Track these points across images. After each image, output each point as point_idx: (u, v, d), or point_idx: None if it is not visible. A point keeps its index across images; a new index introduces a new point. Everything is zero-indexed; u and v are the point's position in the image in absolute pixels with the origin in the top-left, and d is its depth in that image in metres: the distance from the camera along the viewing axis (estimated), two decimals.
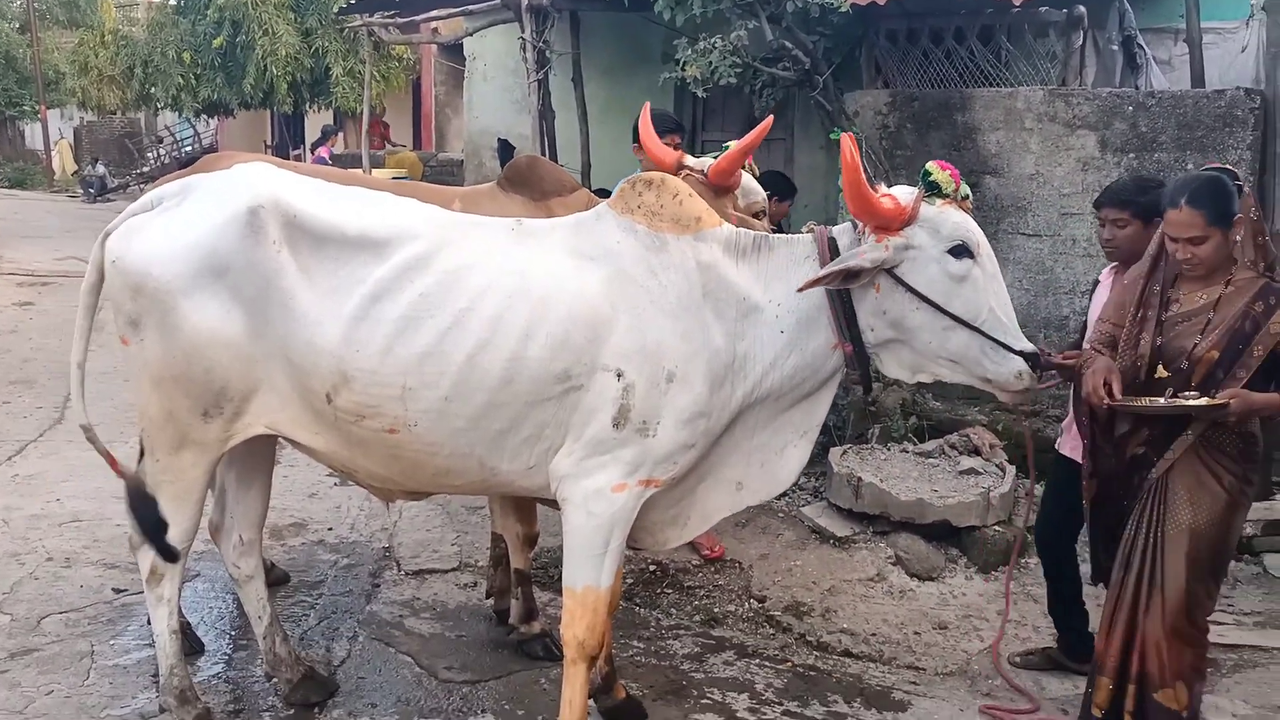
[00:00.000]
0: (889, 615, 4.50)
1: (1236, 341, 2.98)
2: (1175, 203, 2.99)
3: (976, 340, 2.88)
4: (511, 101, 9.64)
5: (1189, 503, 3.06)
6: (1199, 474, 3.05)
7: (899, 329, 2.94)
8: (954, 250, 2.87)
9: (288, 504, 5.35)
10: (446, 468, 3.04)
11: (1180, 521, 3.06)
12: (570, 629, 3.02)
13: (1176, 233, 3.01)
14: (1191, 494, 3.05)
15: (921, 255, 2.88)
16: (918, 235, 2.88)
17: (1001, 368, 2.90)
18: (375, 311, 2.90)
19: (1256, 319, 2.97)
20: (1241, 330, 2.98)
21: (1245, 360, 2.96)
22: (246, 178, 3.05)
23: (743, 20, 6.01)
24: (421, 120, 19.45)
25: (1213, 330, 3.02)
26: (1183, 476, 3.07)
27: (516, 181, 4.17)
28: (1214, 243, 2.99)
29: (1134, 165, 5.51)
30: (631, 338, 2.89)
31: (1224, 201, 2.97)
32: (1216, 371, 2.99)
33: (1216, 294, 3.05)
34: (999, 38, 6.17)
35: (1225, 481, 3.04)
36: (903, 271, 2.88)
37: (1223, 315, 3.02)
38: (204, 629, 4.05)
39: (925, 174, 2.95)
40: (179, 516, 3.20)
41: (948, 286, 2.87)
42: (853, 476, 5.10)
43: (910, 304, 2.89)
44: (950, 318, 2.87)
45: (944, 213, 2.90)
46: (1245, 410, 2.91)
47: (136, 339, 3.02)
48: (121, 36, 18.65)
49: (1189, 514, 3.06)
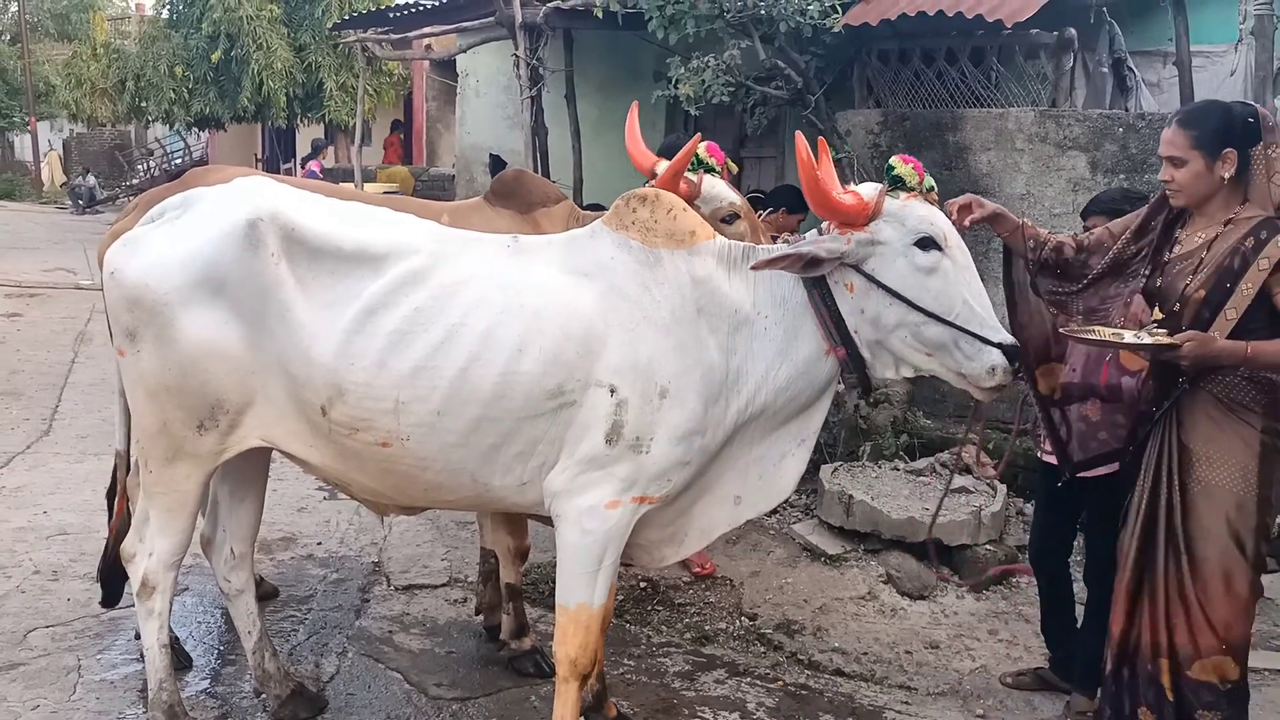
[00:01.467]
0: (880, 634, 4.49)
1: (1224, 280, 2.85)
2: (1169, 121, 2.96)
3: (950, 333, 2.85)
4: (504, 117, 9.68)
5: (1207, 460, 2.92)
6: (1218, 429, 2.91)
7: (877, 327, 2.92)
8: (920, 243, 2.85)
9: (277, 518, 5.32)
10: (438, 482, 3.03)
11: (1203, 479, 2.92)
12: (563, 646, 3.01)
13: (1162, 150, 2.94)
14: (1210, 452, 2.91)
15: (888, 249, 2.87)
16: (883, 230, 2.87)
17: (975, 363, 2.86)
18: (370, 325, 2.91)
19: (1245, 255, 2.83)
20: (1229, 267, 2.85)
21: (1234, 299, 2.82)
22: (246, 191, 3.06)
23: (736, 40, 6.05)
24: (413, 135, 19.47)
25: (1203, 269, 2.90)
26: (1198, 432, 2.93)
27: (504, 195, 4.17)
28: (1193, 169, 2.88)
29: (1124, 186, 5.55)
30: (625, 353, 2.89)
31: (1216, 128, 2.87)
32: (1203, 312, 2.87)
33: (1214, 233, 2.92)
34: (990, 59, 6.23)
35: (1249, 436, 2.88)
36: (872, 267, 2.88)
37: (1214, 253, 2.89)
38: (192, 644, 4.02)
39: (889, 169, 2.95)
40: (171, 529, 3.19)
41: (917, 279, 2.85)
42: (844, 494, 5.11)
43: (884, 300, 2.88)
44: (923, 312, 2.85)
45: (908, 205, 2.89)
46: (1200, 353, 2.77)
47: (133, 350, 3.01)
48: (114, 50, 18.72)
49: (1209, 471, 2.91)
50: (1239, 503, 2.90)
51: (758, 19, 5.95)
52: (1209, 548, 2.93)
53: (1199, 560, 2.94)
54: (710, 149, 3.95)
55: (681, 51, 6.26)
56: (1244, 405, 2.90)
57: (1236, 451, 2.90)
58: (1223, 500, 2.91)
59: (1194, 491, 2.94)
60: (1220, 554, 2.92)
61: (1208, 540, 2.93)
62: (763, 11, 5.89)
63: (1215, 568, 2.93)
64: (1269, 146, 2.89)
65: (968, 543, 4.92)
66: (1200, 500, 2.93)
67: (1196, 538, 2.94)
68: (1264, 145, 2.89)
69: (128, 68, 18.00)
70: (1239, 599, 2.94)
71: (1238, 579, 2.93)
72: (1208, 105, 3.03)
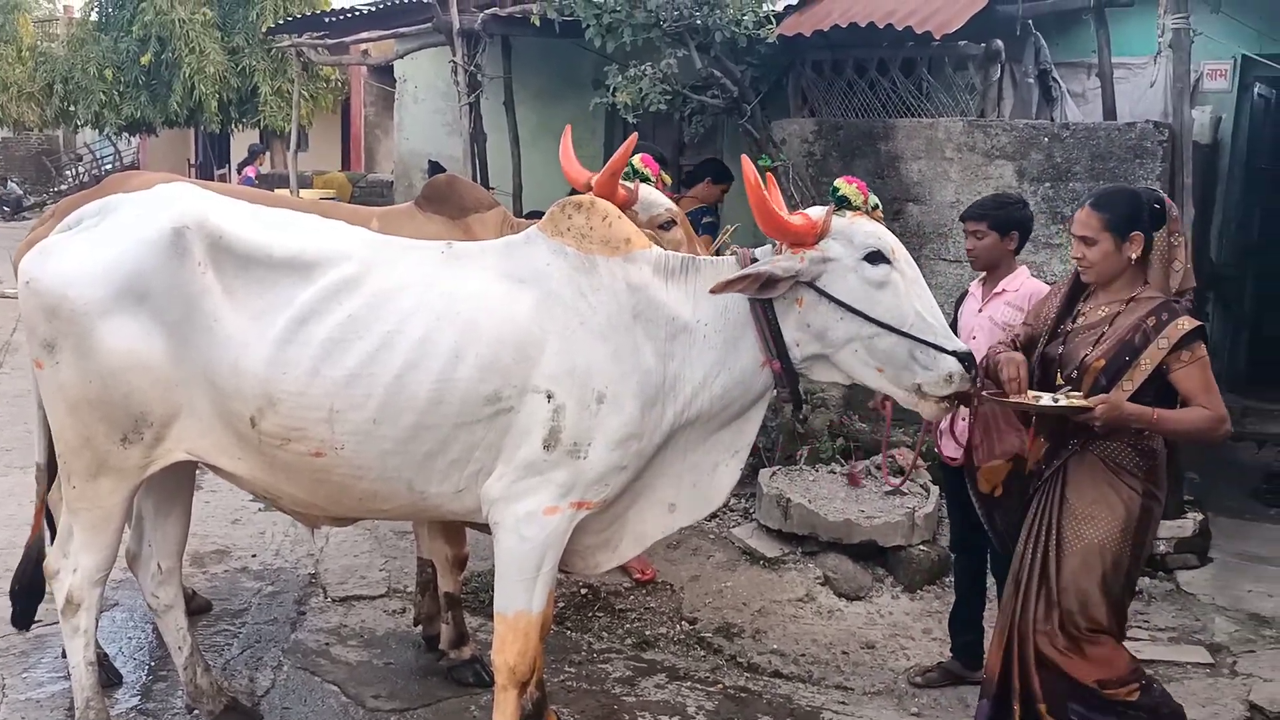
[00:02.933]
0: (818, 635, 4.55)
1: (1124, 353, 3.05)
2: (1083, 202, 3.16)
3: (904, 344, 2.91)
4: (442, 124, 9.62)
5: (1089, 519, 3.11)
6: (1099, 489, 3.10)
7: (824, 341, 2.97)
8: (869, 257, 2.93)
9: (210, 530, 5.23)
10: (374, 491, 3.01)
11: (1083, 535, 3.11)
12: (501, 654, 3.01)
13: (1075, 230, 3.15)
14: (1091, 509, 3.10)
15: (839, 266, 2.93)
16: (833, 247, 2.94)
17: (932, 371, 2.92)
18: (302, 334, 2.88)
19: (1147, 333, 3.03)
20: (1130, 342, 3.05)
21: (1131, 373, 3.02)
22: (170, 198, 3.02)
23: (672, 49, 6.08)
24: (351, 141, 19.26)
25: (1105, 341, 3.10)
26: (1081, 491, 3.12)
27: (435, 200, 4.15)
28: (1103, 248, 3.09)
29: (1050, 194, 5.69)
30: (561, 359, 2.90)
31: (1125, 212, 3.09)
32: (1100, 379, 3.06)
33: (1117, 309, 3.13)
34: (920, 70, 6.34)
35: (1127, 497, 3.09)
36: (824, 283, 2.93)
37: (1116, 328, 3.10)
38: (122, 660, 3.95)
39: (834, 189, 3.04)
40: (96, 545, 3.13)
41: (869, 293, 2.92)
42: (782, 497, 5.16)
43: (834, 315, 2.94)
44: (876, 324, 2.91)
45: (855, 223, 2.97)
46: (1113, 416, 2.93)
47: (52, 362, 2.95)
48: (40, 53, 18.23)
49: (1089, 529, 3.11)
50: (1115, 560, 3.10)
51: (694, 29, 5.99)
52: (1075, 601, 3.12)
53: (1067, 611, 3.13)
54: (644, 160, 3.99)
55: (619, 60, 6.28)
56: (1126, 469, 3.11)
57: (1117, 512, 3.09)
58: (1100, 558, 3.10)
59: (1075, 548, 3.13)
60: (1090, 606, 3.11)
61: (1081, 595, 3.12)
62: (698, 22, 5.93)
63: (1083, 617, 3.12)
64: (1171, 234, 3.13)
65: (902, 544, 5.00)
66: (1082, 556, 3.12)
67: (1068, 591, 3.13)
68: (1167, 231, 3.13)
69: (55, 71, 17.55)
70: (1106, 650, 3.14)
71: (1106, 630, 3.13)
72: (1119, 190, 3.25)
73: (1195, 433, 3.05)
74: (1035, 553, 3.19)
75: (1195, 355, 3.00)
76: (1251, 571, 5.22)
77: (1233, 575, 5.16)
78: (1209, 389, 3.01)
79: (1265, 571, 5.24)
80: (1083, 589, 3.11)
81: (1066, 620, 3.13)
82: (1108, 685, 3.10)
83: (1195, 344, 3.00)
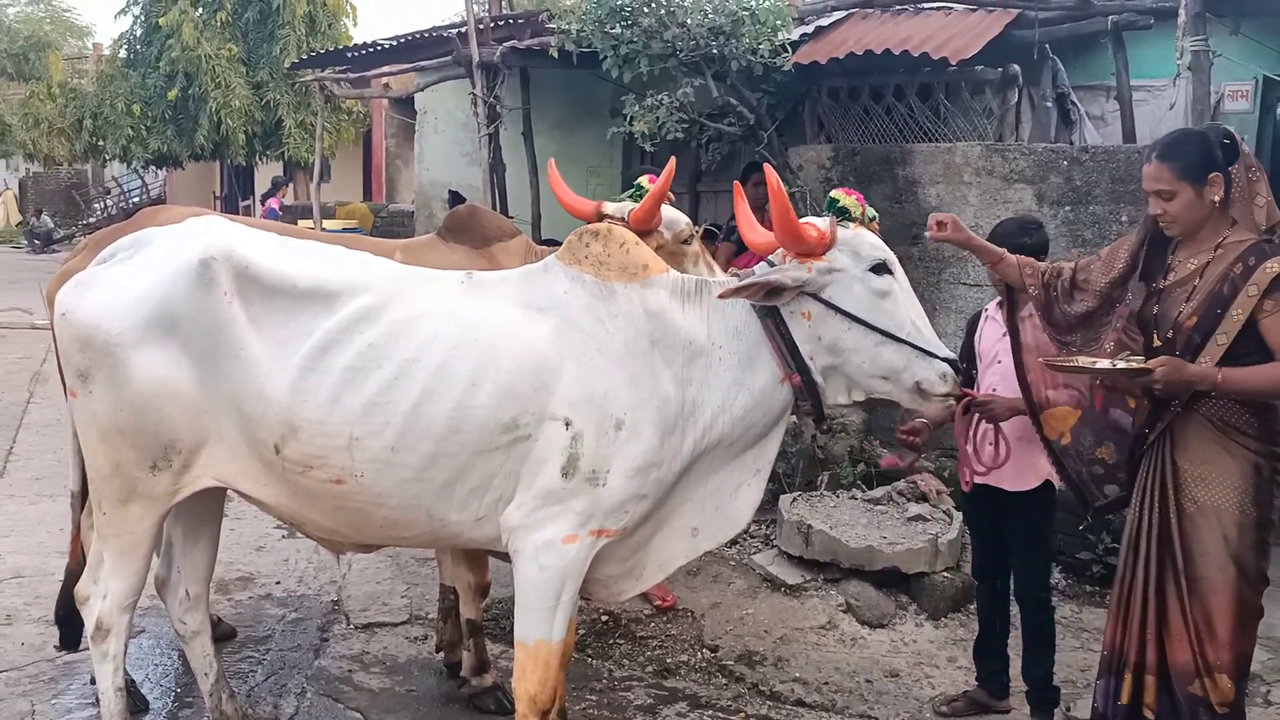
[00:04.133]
0: (841, 663, 4.52)
1: (1215, 306, 2.87)
2: (1148, 157, 2.98)
3: (904, 351, 2.96)
4: (462, 154, 9.73)
5: (1203, 481, 2.94)
6: (1208, 451, 2.93)
7: (834, 352, 2.99)
8: (875, 268, 2.96)
9: (234, 557, 5.27)
10: (394, 519, 3.03)
11: (1198, 499, 2.94)
12: (522, 683, 3.01)
13: (1146, 185, 2.97)
14: (1204, 473, 2.94)
15: (845, 277, 2.96)
16: (839, 258, 2.97)
17: (928, 371, 2.96)
18: (324, 362, 2.92)
19: (1235, 281, 2.85)
20: (1219, 294, 2.87)
21: (1224, 325, 2.84)
22: (199, 230, 3.08)
23: (689, 78, 6.16)
24: (372, 172, 19.50)
25: (1195, 296, 2.92)
26: (1190, 455, 2.96)
27: (458, 231, 4.18)
28: (1185, 199, 2.91)
29: (1070, 218, 5.69)
30: (579, 386, 2.92)
31: (1196, 156, 2.91)
32: (1194, 337, 2.90)
33: (1206, 259, 2.94)
34: (937, 95, 6.38)
35: (1240, 456, 2.91)
36: (830, 295, 2.96)
37: (1206, 280, 2.92)
38: (149, 686, 3.97)
39: (832, 201, 3.07)
40: (125, 571, 3.17)
41: (873, 304, 2.96)
42: (803, 524, 5.15)
43: (842, 325, 2.96)
44: (881, 333, 2.95)
45: (859, 234, 3.01)
46: (1172, 378, 2.81)
47: (85, 391, 3.01)
48: (70, 89, 18.61)
49: (1204, 492, 2.93)
50: (1236, 522, 2.92)
51: (710, 58, 6.06)
52: (1206, 566, 2.94)
53: (1195, 579, 2.96)
54: (652, 180, 4.03)
55: (636, 89, 6.36)
56: (1236, 428, 2.92)
57: (1231, 473, 2.91)
58: (1218, 520, 2.93)
59: (1190, 511, 2.96)
60: (1218, 572, 2.93)
61: (1205, 559, 2.94)
62: (715, 51, 6.01)
63: (1211, 586, 2.94)
64: (1249, 168, 2.93)
65: (925, 570, 4.97)
66: (1196, 520, 2.95)
67: (1193, 556, 2.96)
68: (1242, 165, 2.92)
69: (85, 107, 17.91)
70: (1236, 618, 2.95)
71: (1236, 597, 2.94)
72: (1184, 135, 3.06)
73: (1271, 391, 2.85)
74: (1152, 520, 3.02)
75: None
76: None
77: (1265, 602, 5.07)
78: None
79: None
80: (1207, 553, 2.92)
81: (1194, 586, 2.94)
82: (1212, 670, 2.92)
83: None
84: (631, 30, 6.10)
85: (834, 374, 3.04)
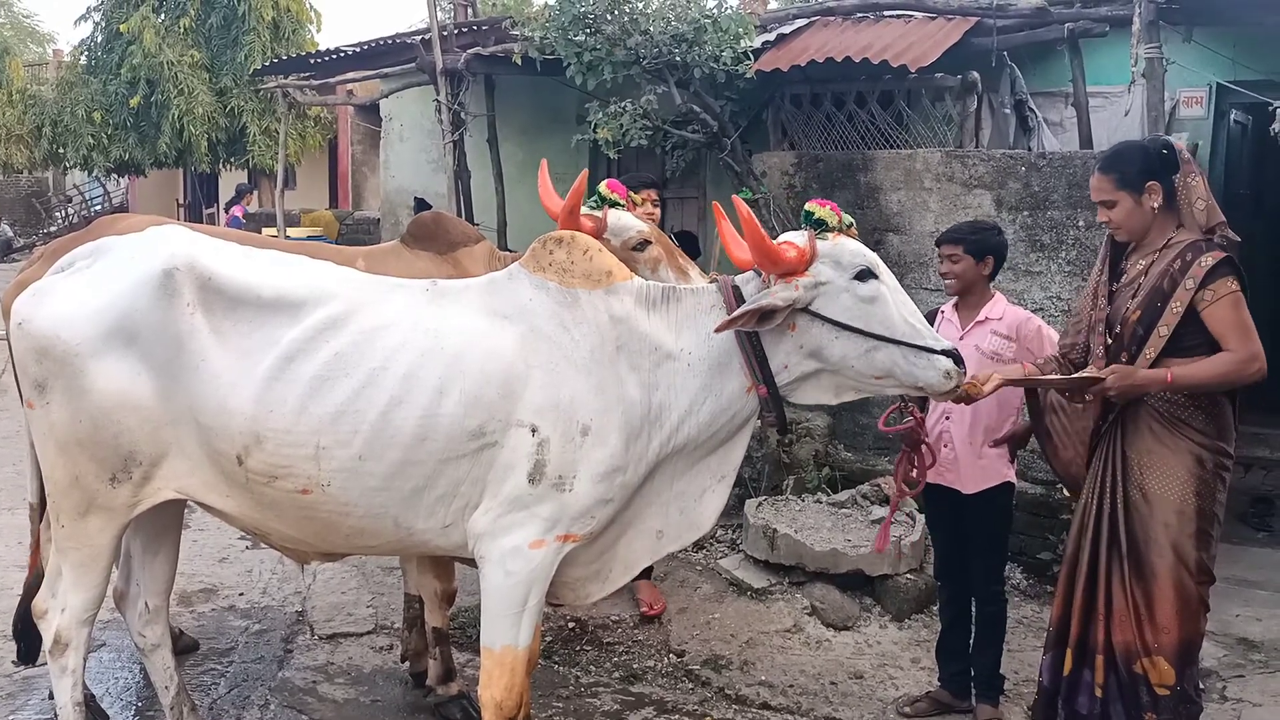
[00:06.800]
0: (806, 666, 4.55)
1: (1155, 300, 3.03)
2: (1094, 168, 3.18)
3: (900, 351, 2.97)
4: (428, 161, 9.71)
5: (1149, 470, 3.07)
6: (1158, 442, 3.07)
7: (821, 359, 3.01)
8: (859, 275, 2.98)
9: (197, 569, 5.23)
10: (361, 528, 3.03)
11: (1143, 487, 3.07)
12: (488, 690, 3.01)
13: (1094, 196, 3.18)
14: (1150, 462, 3.07)
15: (831, 288, 2.97)
16: (823, 271, 2.98)
17: (929, 372, 2.97)
18: (289, 372, 2.91)
19: (1174, 276, 3.01)
20: (1160, 289, 3.03)
21: (1165, 317, 3.00)
22: (161, 240, 3.06)
23: (652, 85, 6.19)
24: (338, 179, 19.36)
25: (1140, 293, 3.09)
26: (1138, 445, 3.10)
27: (422, 237, 4.17)
28: (1125, 207, 3.11)
29: (1028, 222, 5.77)
30: (545, 393, 2.93)
31: (1134, 166, 3.10)
32: (1137, 330, 3.05)
33: (1151, 259, 3.12)
34: (898, 102, 6.46)
35: (1188, 451, 3.05)
36: (818, 306, 2.97)
37: (1150, 277, 3.09)
38: (109, 701, 3.93)
39: (808, 214, 3.08)
40: (84, 584, 3.14)
41: (862, 310, 2.97)
42: (768, 528, 5.18)
43: (830, 335, 2.97)
44: (874, 338, 2.96)
45: (839, 244, 3.02)
46: (1124, 385, 2.97)
47: (42, 402, 2.98)
48: (30, 96, 18.33)
49: (1149, 480, 3.07)
50: (1177, 510, 3.05)
51: (673, 65, 6.09)
52: (1148, 552, 3.09)
53: (1137, 563, 3.09)
54: (611, 185, 4.03)
55: (601, 96, 6.38)
56: (1183, 420, 3.07)
57: (1175, 464, 3.06)
58: (1161, 508, 3.07)
59: (1135, 499, 3.11)
60: (1157, 558, 3.07)
61: (1147, 545, 3.09)
62: (678, 58, 6.04)
63: (1151, 570, 3.08)
64: (1187, 175, 3.12)
65: (889, 572, 5.01)
66: (1140, 507, 3.10)
67: (1136, 542, 3.10)
68: (1183, 173, 3.12)
69: (45, 114, 17.63)
70: (1177, 604, 3.07)
71: (1175, 583, 3.06)
72: (1124, 147, 3.24)
73: (1219, 381, 2.98)
74: (1101, 506, 3.16)
75: (1219, 292, 2.95)
76: (1239, 595, 5.22)
77: (1220, 599, 5.15)
78: (1238, 327, 2.95)
79: (1254, 595, 5.25)
80: (1150, 539, 3.06)
81: (1139, 572, 3.06)
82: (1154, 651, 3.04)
83: (1220, 279, 2.95)
84: (595, 37, 6.12)
85: (813, 382, 3.06)
